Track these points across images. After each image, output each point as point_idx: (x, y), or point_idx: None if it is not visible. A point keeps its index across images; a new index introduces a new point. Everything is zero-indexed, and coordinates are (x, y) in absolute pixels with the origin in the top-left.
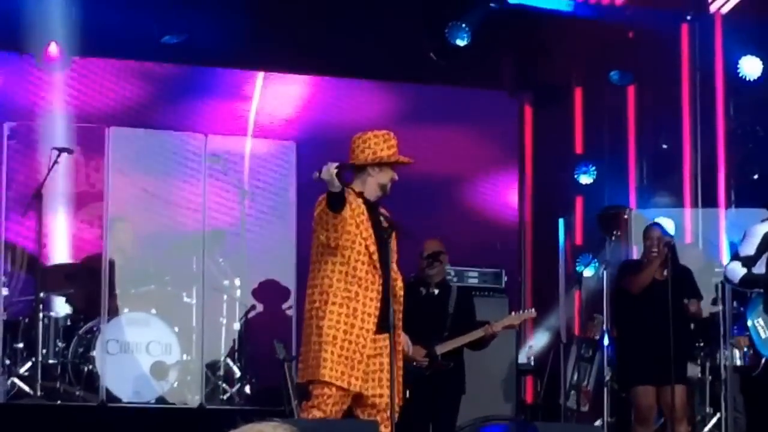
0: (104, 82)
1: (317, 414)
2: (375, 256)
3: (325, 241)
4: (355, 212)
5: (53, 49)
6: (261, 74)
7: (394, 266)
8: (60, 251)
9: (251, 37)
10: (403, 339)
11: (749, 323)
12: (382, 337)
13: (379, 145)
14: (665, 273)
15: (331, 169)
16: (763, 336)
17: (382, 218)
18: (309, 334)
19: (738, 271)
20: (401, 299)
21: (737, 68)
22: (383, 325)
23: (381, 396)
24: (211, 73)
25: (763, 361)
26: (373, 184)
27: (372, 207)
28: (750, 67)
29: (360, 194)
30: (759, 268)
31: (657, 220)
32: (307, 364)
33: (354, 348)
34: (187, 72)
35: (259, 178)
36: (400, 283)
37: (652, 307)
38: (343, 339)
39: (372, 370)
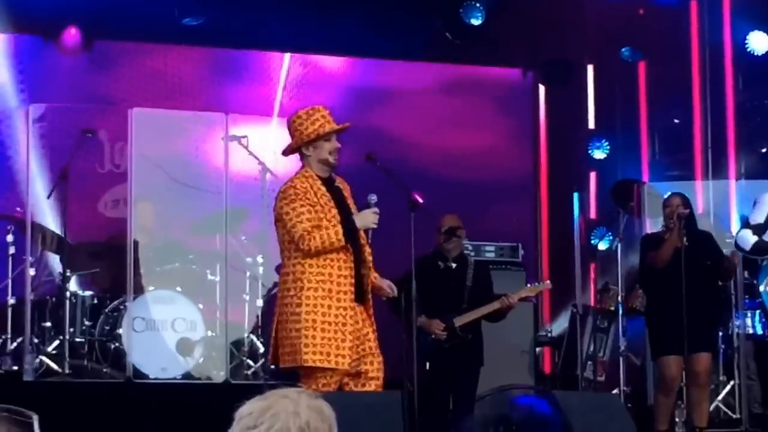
0: (127, 65)
1: None
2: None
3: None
4: (316, 195)
5: (73, 33)
6: (286, 55)
7: (362, 234)
8: (86, 231)
9: (270, 18)
10: (384, 284)
11: (762, 289)
12: (360, 309)
13: (303, 125)
14: (685, 241)
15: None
16: None
17: (340, 187)
18: (285, 321)
19: (749, 238)
20: (371, 265)
21: (745, 43)
22: (360, 296)
23: (371, 363)
24: (232, 55)
25: None
26: (314, 162)
27: (329, 182)
28: (758, 42)
29: (316, 175)
30: None
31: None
32: (287, 350)
33: (335, 328)
34: (207, 53)
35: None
36: (368, 250)
37: (678, 276)
38: (322, 321)
39: (357, 343)
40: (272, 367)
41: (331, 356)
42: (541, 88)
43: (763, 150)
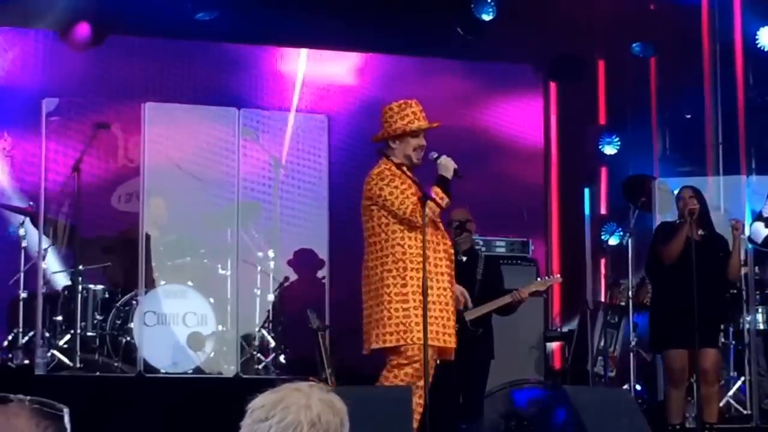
0: (140, 59)
1: (407, 374)
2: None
3: (389, 214)
4: (406, 182)
5: (83, 28)
6: (302, 51)
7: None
8: (98, 225)
9: (282, 14)
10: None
11: None
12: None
13: (393, 118)
14: (700, 233)
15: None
16: None
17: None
18: (388, 301)
19: (762, 231)
20: (452, 257)
21: (756, 39)
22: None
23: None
24: (246, 50)
25: None
26: (399, 155)
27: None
28: None
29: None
30: None
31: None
32: (390, 330)
33: (440, 308)
34: (219, 48)
35: (292, 151)
36: (449, 241)
37: (686, 270)
38: (428, 302)
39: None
40: (365, 353)
41: (439, 335)
42: (552, 83)
43: None
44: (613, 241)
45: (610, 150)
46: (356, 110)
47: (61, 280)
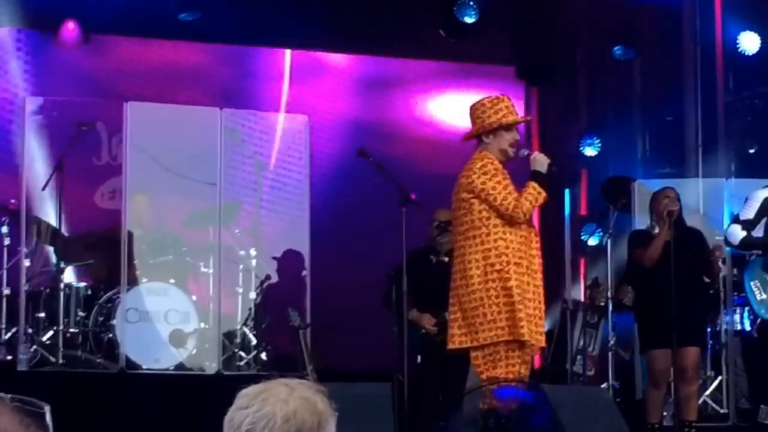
0: (123, 59)
1: (511, 371)
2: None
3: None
4: (508, 177)
5: (71, 27)
6: (287, 51)
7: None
8: (82, 223)
9: (266, 14)
10: None
11: (746, 284)
12: None
13: (486, 113)
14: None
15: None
16: (758, 297)
17: None
18: (490, 296)
19: (738, 233)
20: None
21: (736, 43)
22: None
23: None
24: (230, 49)
25: (758, 321)
26: (494, 150)
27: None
28: (749, 42)
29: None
30: (758, 232)
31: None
32: (496, 324)
33: (534, 305)
34: (201, 48)
35: (273, 151)
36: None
37: (666, 271)
38: (523, 297)
39: None
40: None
41: (533, 333)
42: (534, 86)
43: (752, 150)
44: (592, 241)
45: (590, 152)
46: (338, 111)
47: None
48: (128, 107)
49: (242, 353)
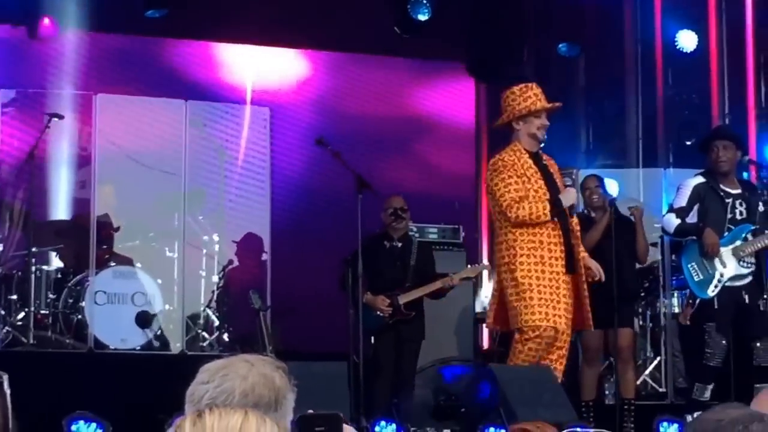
0: (93, 53)
1: (531, 349)
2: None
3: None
4: (523, 168)
5: (47, 23)
6: (237, 46)
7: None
8: (53, 210)
9: (227, 11)
10: (593, 265)
11: (684, 267)
12: (571, 279)
13: (516, 100)
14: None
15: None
16: (696, 279)
17: (547, 164)
18: (506, 287)
19: (673, 221)
20: (578, 235)
21: (675, 41)
22: (571, 266)
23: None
24: (192, 45)
25: (697, 301)
26: (524, 136)
27: (536, 157)
28: (686, 40)
29: (523, 149)
30: (692, 219)
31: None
32: (513, 313)
33: (551, 290)
34: (167, 43)
35: (236, 141)
36: (575, 220)
37: (600, 255)
38: (537, 285)
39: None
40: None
41: (549, 316)
42: (483, 80)
43: (691, 141)
44: None
45: None
46: (298, 103)
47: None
48: (97, 99)
49: (205, 334)
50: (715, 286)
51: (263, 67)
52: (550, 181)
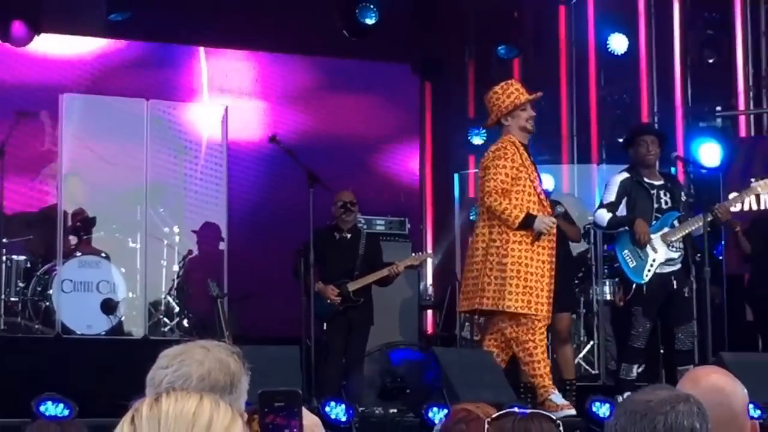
0: (62, 54)
1: (495, 340)
2: (542, 194)
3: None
4: (517, 161)
5: (18, 26)
6: (200, 49)
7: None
8: (24, 202)
9: (183, 15)
10: None
11: (619, 255)
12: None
13: (500, 98)
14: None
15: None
16: (631, 265)
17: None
18: (490, 268)
19: (604, 216)
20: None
21: (607, 44)
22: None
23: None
24: (153, 47)
25: (633, 287)
26: (515, 130)
27: (527, 150)
28: (618, 43)
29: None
30: (621, 212)
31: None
32: (489, 294)
33: (536, 278)
34: (130, 45)
35: (194, 138)
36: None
37: None
38: (525, 272)
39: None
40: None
41: (531, 303)
42: (427, 81)
43: (621, 139)
44: None
45: (477, 140)
46: (253, 102)
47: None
48: (63, 98)
49: (166, 320)
50: (649, 271)
51: (220, 68)
52: (538, 174)
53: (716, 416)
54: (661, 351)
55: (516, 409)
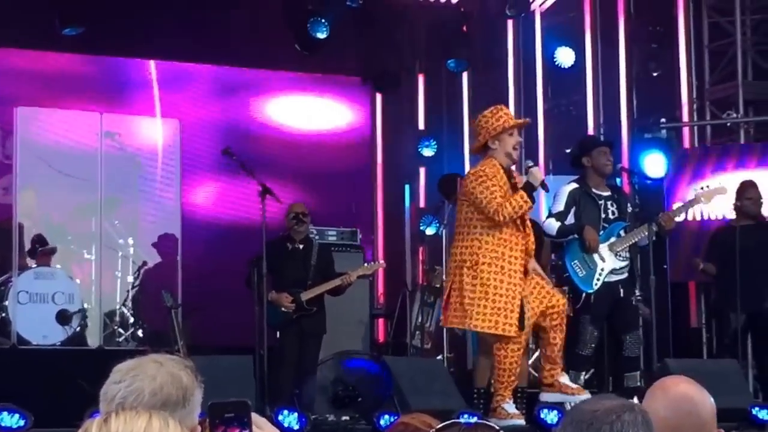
0: (16, 68)
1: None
2: (518, 219)
3: (474, 210)
4: (500, 182)
5: None
6: (151, 62)
7: (528, 224)
8: None
9: (137, 29)
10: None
11: (568, 265)
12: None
13: (489, 122)
14: None
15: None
16: (580, 274)
17: (515, 181)
18: (460, 288)
19: (554, 225)
20: (532, 252)
21: (554, 58)
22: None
23: (555, 305)
24: (107, 61)
25: (583, 296)
26: (500, 154)
27: (509, 174)
28: (564, 56)
29: (500, 165)
30: (570, 220)
31: None
32: (458, 314)
33: (506, 300)
34: (84, 59)
35: (149, 151)
36: (531, 238)
37: None
38: (494, 293)
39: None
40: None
41: (499, 324)
42: (379, 94)
43: (568, 150)
44: (430, 231)
45: (428, 152)
46: (205, 115)
47: None
48: (18, 112)
49: (121, 330)
50: (598, 280)
51: (173, 82)
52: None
53: (685, 425)
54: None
55: (461, 420)
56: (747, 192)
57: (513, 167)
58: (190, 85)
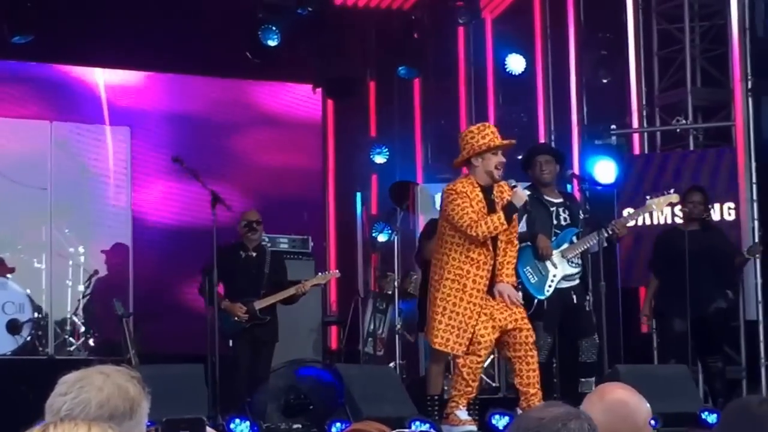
0: None
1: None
2: (488, 239)
3: (448, 226)
4: (474, 200)
5: None
6: (97, 70)
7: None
8: None
9: (86, 37)
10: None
11: (520, 272)
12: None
13: (474, 138)
14: None
15: (523, 197)
16: (532, 281)
17: (495, 200)
18: (429, 302)
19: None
20: (512, 275)
21: (505, 64)
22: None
23: (521, 328)
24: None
25: (535, 302)
26: (481, 172)
27: (487, 191)
28: (515, 63)
29: (477, 183)
30: (522, 228)
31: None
32: (428, 328)
33: (461, 319)
34: (33, 67)
35: (99, 158)
36: (510, 259)
37: None
38: (451, 311)
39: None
40: None
41: (449, 342)
42: (330, 101)
43: (519, 157)
44: (382, 238)
45: (379, 159)
46: (155, 123)
47: None
48: None
49: (72, 339)
50: (549, 286)
51: (123, 90)
52: (494, 211)
53: (620, 429)
54: (554, 364)
55: (417, 422)
56: (692, 196)
57: (503, 182)
58: (139, 93)
